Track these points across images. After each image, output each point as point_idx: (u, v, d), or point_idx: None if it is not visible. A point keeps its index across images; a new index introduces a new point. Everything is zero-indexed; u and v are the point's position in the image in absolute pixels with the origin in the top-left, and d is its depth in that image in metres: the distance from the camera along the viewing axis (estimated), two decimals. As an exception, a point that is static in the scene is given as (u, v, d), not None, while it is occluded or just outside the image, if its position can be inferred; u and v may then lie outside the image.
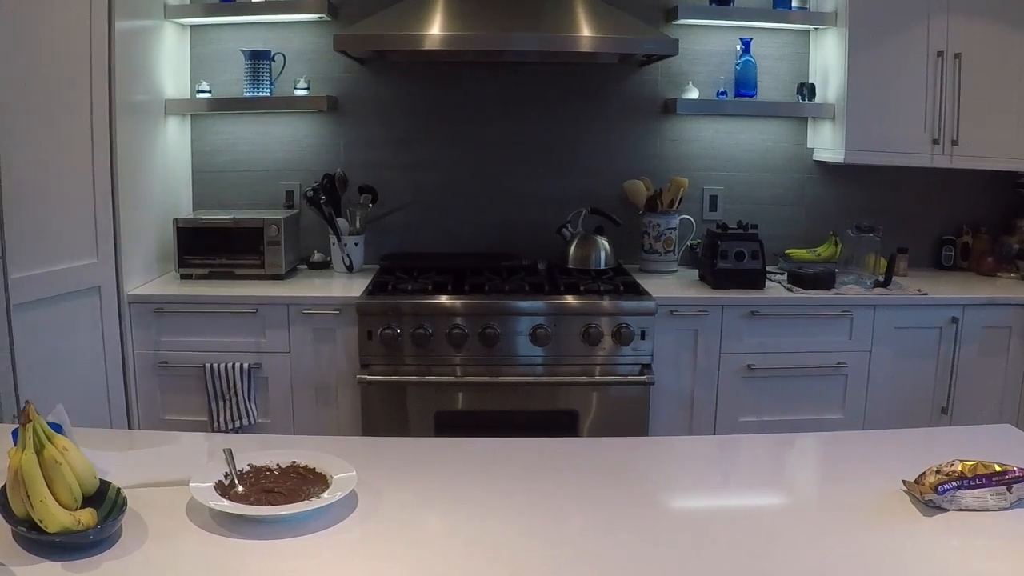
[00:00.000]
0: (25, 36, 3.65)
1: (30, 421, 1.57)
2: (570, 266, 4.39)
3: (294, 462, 1.87)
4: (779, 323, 4.04)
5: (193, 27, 4.52)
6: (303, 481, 1.80)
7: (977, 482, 1.76)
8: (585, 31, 3.93)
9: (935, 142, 4.30)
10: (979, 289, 4.33)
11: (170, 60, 4.33)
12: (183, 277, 4.18)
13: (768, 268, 4.29)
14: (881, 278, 4.20)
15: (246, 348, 3.91)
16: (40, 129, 3.69)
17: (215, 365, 3.86)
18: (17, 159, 3.71)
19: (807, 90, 4.55)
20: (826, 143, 4.54)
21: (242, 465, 1.83)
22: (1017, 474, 1.78)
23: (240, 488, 1.76)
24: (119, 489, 1.66)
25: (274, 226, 4.15)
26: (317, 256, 4.58)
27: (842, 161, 4.35)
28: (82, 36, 3.63)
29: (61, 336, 3.80)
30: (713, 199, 4.77)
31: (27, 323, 3.79)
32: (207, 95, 4.46)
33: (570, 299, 3.87)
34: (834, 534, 1.66)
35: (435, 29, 3.90)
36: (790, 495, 1.95)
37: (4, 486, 1.59)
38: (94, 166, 3.71)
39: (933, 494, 1.74)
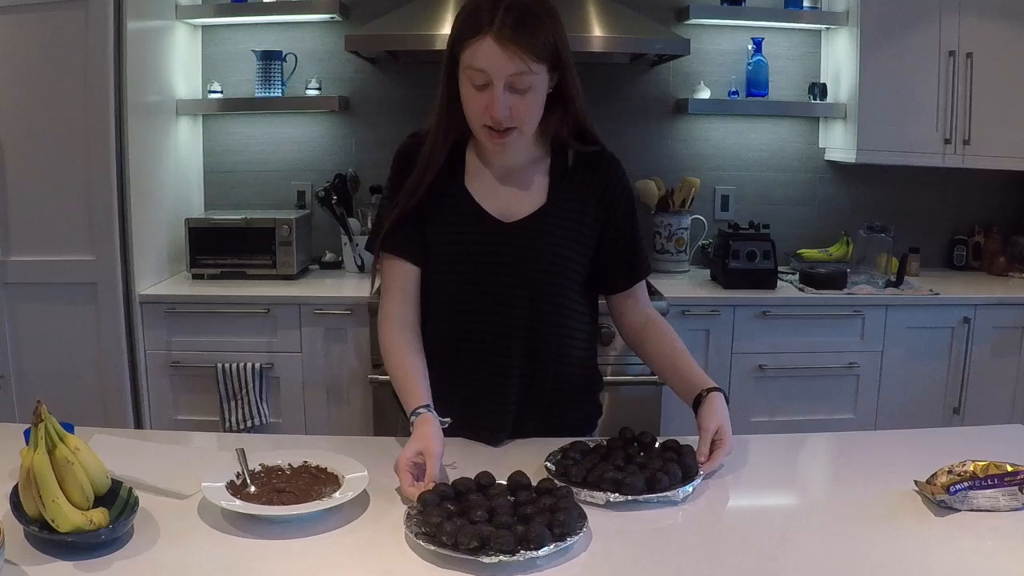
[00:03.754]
0: (33, 38, 3.68)
1: (42, 421, 1.57)
2: (581, 266, 4.39)
3: (306, 462, 1.87)
4: (791, 323, 4.03)
5: (205, 27, 4.53)
6: (315, 481, 1.80)
7: (989, 482, 1.75)
8: (596, 31, 3.93)
9: (947, 142, 4.29)
10: (991, 289, 4.32)
11: (182, 60, 4.34)
12: (195, 277, 4.19)
13: (780, 268, 4.29)
14: (893, 278, 4.19)
15: (258, 348, 3.92)
16: (44, 126, 3.72)
17: (227, 365, 3.86)
18: (21, 154, 3.75)
19: (819, 90, 4.54)
20: (838, 143, 4.53)
21: (254, 465, 1.83)
22: (1029, 475, 1.78)
23: (252, 488, 1.76)
24: (131, 489, 1.66)
25: (286, 226, 4.16)
26: (329, 256, 4.59)
27: (854, 161, 4.34)
28: (93, 36, 3.65)
29: (55, 331, 3.82)
30: (725, 199, 4.76)
31: (20, 315, 3.82)
32: (219, 95, 4.47)
33: (581, 299, 3.86)
34: (845, 534, 1.65)
35: (446, 29, 3.90)
36: (801, 495, 1.95)
37: (16, 486, 1.60)
38: (90, 165, 3.73)
39: (945, 494, 1.73)
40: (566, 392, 2.26)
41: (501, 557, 1.51)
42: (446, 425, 1.96)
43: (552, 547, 1.55)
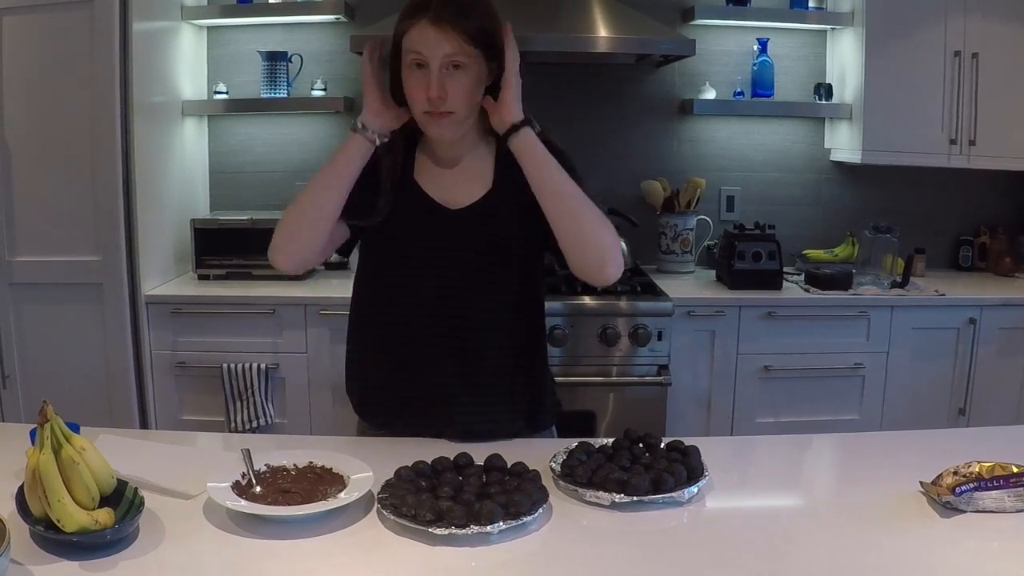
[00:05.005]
0: (39, 39, 3.69)
1: (48, 421, 1.58)
2: (587, 267, 4.40)
3: (311, 462, 1.87)
4: (796, 324, 4.03)
5: (210, 28, 4.54)
6: (320, 481, 1.81)
7: (995, 484, 1.75)
8: (602, 32, 3.93)
9: (952, 142, 4.28)
10: (997, 290, 4.32)
11: (187, 61, 4.35)
12: (200, 278, 4.19)
13: (785, 269, 4.28)
14: (898, 279, 4.19)
15: (263, 348, 3.92)
16: (50, 127, 3.73)
17: (232, 365, 3.87)
18: (28, 154, 3.75)
19: (824, 90, 4.54)
20: (843, 143, 4.53)
21: (259, 465, 1.84)
22: (1035, 476, 1.78)
23: (257, 488, 1.76)
24: (136, 489, 1.67)
25: (291, 227, 4.15)
26: (334, 257, 4.55)
27: (859, 161, 4.34)
28: (99, 37, 3.66)
29: (60, 331, 3.83)
30: (730, 199, 4.76)
31: (26, 316, 3.83)
32: (224, 96, 4.47)
33: (587, 300, 3.87)
34: (851, 535, 1.65)
35: (451, 30, 3.90)
36: (807, 496, 1.95)
37: (22, 486, 1.60)
38: (95, 166, 3.73)
39: (950, 495, 1.73)
40: (510, 381, 2.25)
41: (453, 530, 1.60)
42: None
43: (502, 524, 1.61)
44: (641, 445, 1.99)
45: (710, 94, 4.54)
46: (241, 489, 1.75)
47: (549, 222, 2.08)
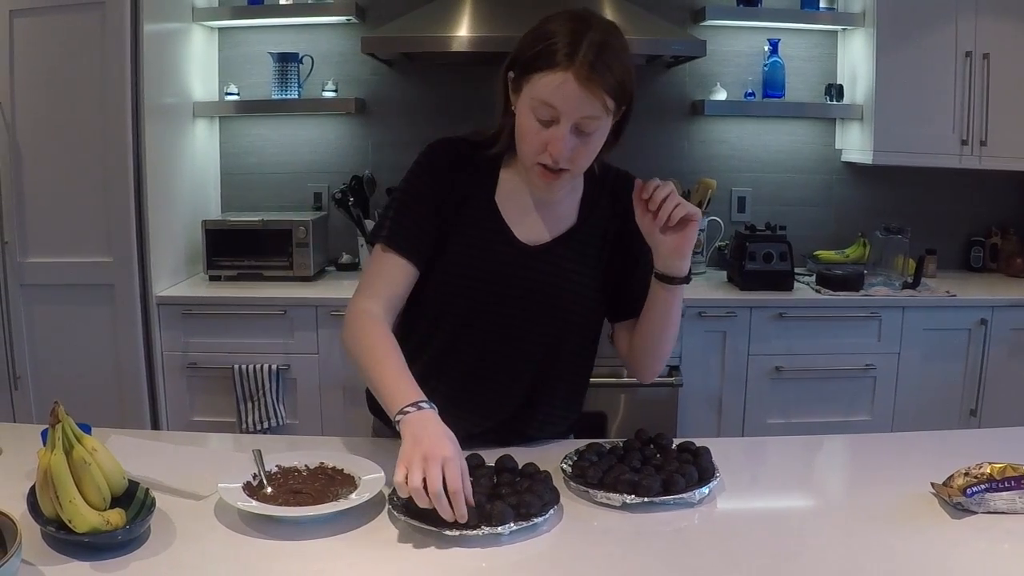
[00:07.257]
0: (50, 40, 3.70)
1: (59, 421, 1.58)
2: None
3: (322, 463, 1.87)
4: (807, 325, 4.02)
5: (221, 30, 4.55)
6: (331, 482, 1.81)
7: (1006, 485, 1.74)
8: (612, 32, 3.92)
9: (964, 143, 4.27)
10: (1008, 290, 4.30)
11: (198, 62, 4.36)
12: (212, 279, 4.20)
13: (796, 269, 4.28)
14: (909, 279, 4.18)
15: (274, 349, 3.93)
16: (62, 128, 3.74)
17: (243, 366, 3.87)
18: (39, 155, 3.77)
19: (835, 91, 4.53)
20: (854, 144, 4.52)
21: (270, 466, 1.84)
22: (1047, 477, 1.77)
23: (268, 489, 1.76)
24: (148, 489, 1.67)
25: (302, 228, 4.17)
26: (345, 258, 4.59)
27: (870, 162, 4.33)
28: (110, 38, 3.67)
29: (72, 332, 3.84)
30: (741, 200, 4.75)
31: (38, 317, 3.84)
32: (235, 97, 4.48)
33: (597, 301, 3.86)
34: (862, 536, 1.65)
35: (462, 31, 3.91)
36: (818, 497, 1.94)
37: (34, 486, 1.60)
38: (107, 167, 3.75)
39: (961, 496, 1.73)
40: (561, 406, 2.21)
41: (464, 531, 1.59)
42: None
43: (513, 525, 1.62)
44: (652, 446, 1.99)
45: (721, 95, 4.54)
46: (252, 490, 1.75)
47: (639, 328, 2.12)
